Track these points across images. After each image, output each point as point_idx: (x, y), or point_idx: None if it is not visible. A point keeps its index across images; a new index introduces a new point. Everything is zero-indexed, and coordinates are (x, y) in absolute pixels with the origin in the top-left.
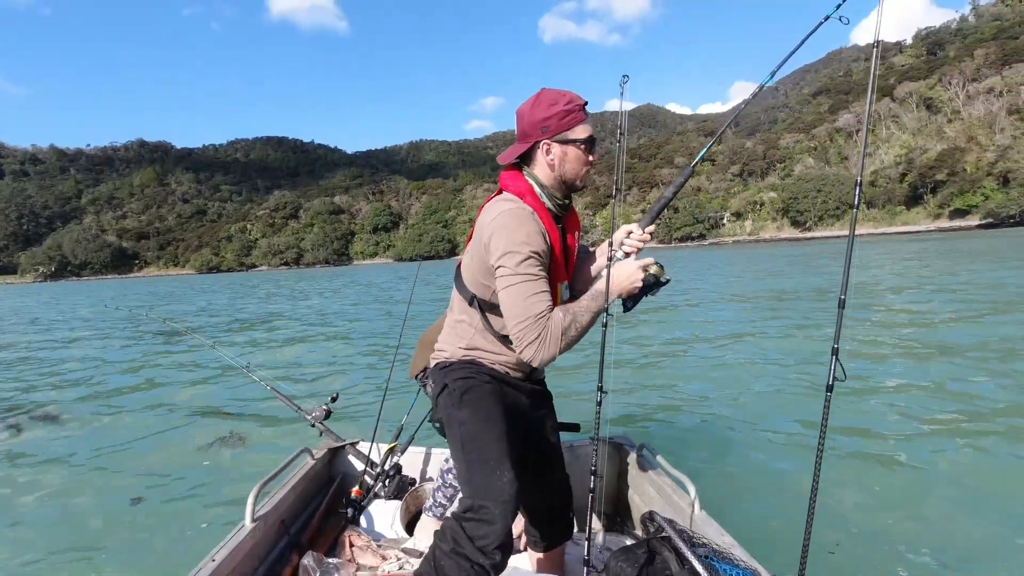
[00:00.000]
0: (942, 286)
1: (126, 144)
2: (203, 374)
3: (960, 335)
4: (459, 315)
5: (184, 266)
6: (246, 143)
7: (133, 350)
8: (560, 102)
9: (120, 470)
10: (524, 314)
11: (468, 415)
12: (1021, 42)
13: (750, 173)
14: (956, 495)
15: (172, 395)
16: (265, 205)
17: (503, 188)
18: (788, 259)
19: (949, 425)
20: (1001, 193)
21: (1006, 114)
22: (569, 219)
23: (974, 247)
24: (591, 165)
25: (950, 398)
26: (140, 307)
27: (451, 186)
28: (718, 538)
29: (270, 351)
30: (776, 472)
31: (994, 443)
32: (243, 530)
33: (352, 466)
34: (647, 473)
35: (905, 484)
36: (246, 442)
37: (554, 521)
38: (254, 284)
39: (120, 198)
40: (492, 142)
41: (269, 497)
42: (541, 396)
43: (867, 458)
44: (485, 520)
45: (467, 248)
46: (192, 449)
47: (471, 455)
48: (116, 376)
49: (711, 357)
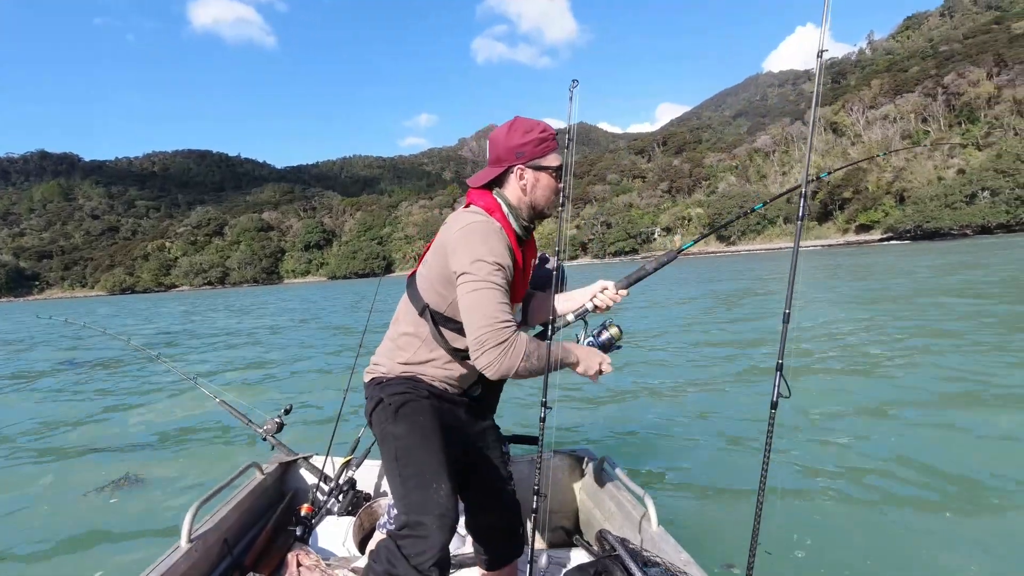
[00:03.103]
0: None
1: (25, 155)
2: (144, 386)
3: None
4: (405, 327)
5: (93, 287)
6: (164, 156)
7: (67, 364)
8: (535, 130)
9: (41, 483)
10: (490, 319)
11: (403, 430)
12: (910, 74)
13: (678, 190)
14: (903, 501)
15: (102, 409)
16: (187, 222)
17: (470, 202)
18: (716, 270)
19: (894, 424)
20: (898, 210)
21: (900, 138)
22: (529, 244)
23: (872, 261)
24: (559, 193)
25: (895, 399)
26: (70, 320)
27: (386, 202)
28: (675, 555)
29: (218, 364)
30: (734, 484)
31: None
32: (178, 551)
33: (305, 481)
34: (606, 487)
35: (857, 493)
36: (190, 459)
37: (500, 538)
38: (196, 302)
39: (17, 213)
40: (428, 158)
41: (211, 515)
42: (479, 410)
43: (815, 472)
44: (421, 536)
45: (423, 257)
46: (128, 465)
47: (406, 470)
48: (46, 388)
49: (670, 367)
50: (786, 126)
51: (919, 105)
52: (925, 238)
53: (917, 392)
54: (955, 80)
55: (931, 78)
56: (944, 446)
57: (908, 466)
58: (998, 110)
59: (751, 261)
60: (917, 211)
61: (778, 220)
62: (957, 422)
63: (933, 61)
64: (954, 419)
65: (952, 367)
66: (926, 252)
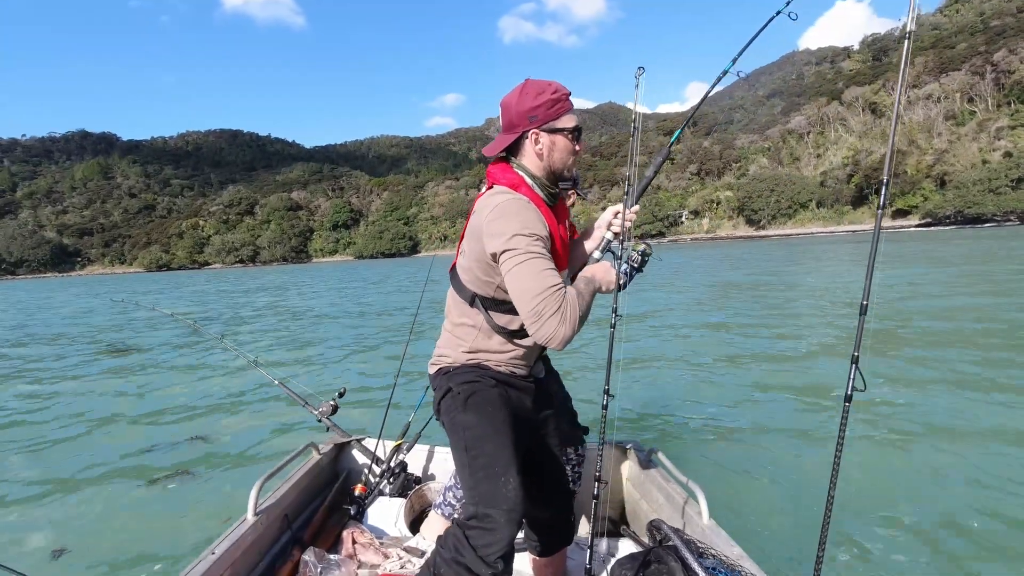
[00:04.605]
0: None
1: (66, 135)
2: (205, 370)
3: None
4: (459, 319)
5: (131, 264)
6: (198, 135)
7: (134, 344)
8: (547, 91)
9: (118, 461)
10: (540, 287)
11: (473, 420)
12: (956, 52)
13: (707, 172)
14: (979, 502)
15: (172, 389)
16: (219, 201)
17: (493, 182)
18: (747, 255)
19: (972, 428)
20: (938, 195)
21: (943, 119)
22: (559, 208)
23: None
24: (577, 155)
25: (972, 398)
26: (130, 299)
27: (412, 182)
28: (727, 549)
29: (275, 346)
30: (790, 480)
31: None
32: (244, 524)
33: (357, 462)
34: (657, 479)
35: (928, 491)
36: (250, 437)
37: (554, 527)
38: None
39: (60, 192)
40: (454, 138)
41: (272, 492)
42: (544, 397)
43: (886, 464)
44: (489, 528)
45: (460, 248)
46: (196, 444)
47: (476, 461)
48: (110, 366)
49: (719, 358)
50: (822, 106)
51: (965, 84)
52: (967, 223)
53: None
54: (1006, 57)
55: (980, 55)
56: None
57: (995, 468)
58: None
59: (785, 247)
60: (959, 196)
61: (810, 204)
62: None
63: (983, 37)
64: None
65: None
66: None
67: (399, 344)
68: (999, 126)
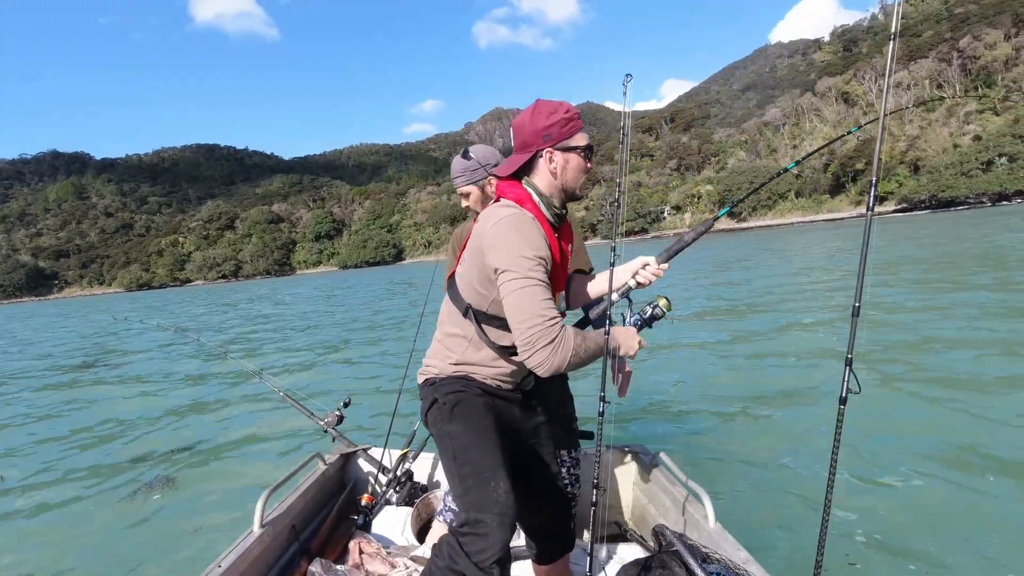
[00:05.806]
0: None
1: (38, 155)
2: (209, 383)
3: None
4: (450, 328)
5: (111, 284)
6: (174, 152)
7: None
8: (559, 111)
9: (123, 474)
10: (537, 316)
11: (460, 429)
12: (923, 40)
13: (687, 167)
14: (983, 506)
15: (176, 403)
16: (198, 216)
17: (500, 195)
18: (736, 250)
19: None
20: (913, 180)
21: (913, 106)
22: (563, 229)
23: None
24: (588, 173)
25: (974, 400)
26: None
27: (394, 190)
28: (733, 553)
29: (278, 357)
30: (793, 482)
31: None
32: (251, 536)
33: (363, 472)
34: (662, 483)
35: (932, 496)
36: (255, 449)
37: (553, 534)
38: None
39: (34, 214)
40: (434, 144)
41: (279, 503)
42: (532, 406)
43: (884, 469)
44: (482, 534)
45: (461, 257)
46: (202, 456)
47: (464, 469)
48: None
49: (722, 360)
50: (795, 98)
51: (933, 71)
52: (941, 207)
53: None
54: (971, 43)
55: (946, 42)
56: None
57: (986, 461)
58: (1016, 73)
59: (766, 239)
60: (932, 180)
61: (788, 194)
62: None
63: (948, 24)
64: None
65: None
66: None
67: (403, 355)
68: (967, 111)
